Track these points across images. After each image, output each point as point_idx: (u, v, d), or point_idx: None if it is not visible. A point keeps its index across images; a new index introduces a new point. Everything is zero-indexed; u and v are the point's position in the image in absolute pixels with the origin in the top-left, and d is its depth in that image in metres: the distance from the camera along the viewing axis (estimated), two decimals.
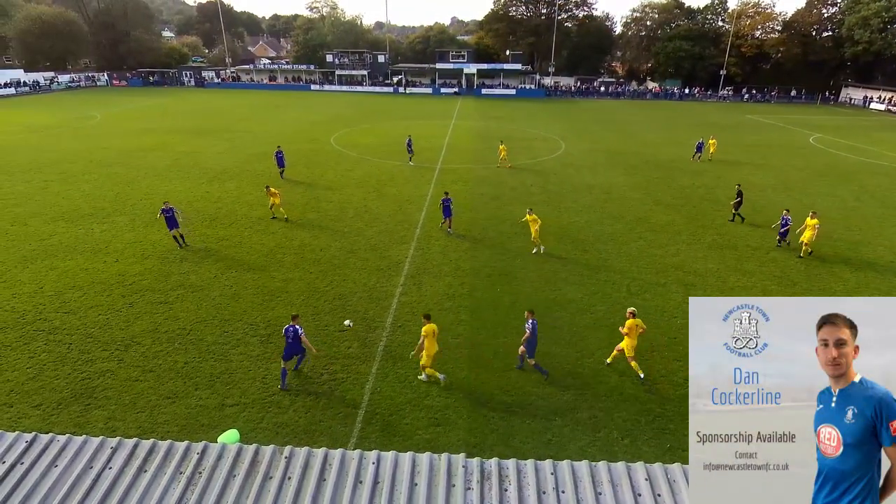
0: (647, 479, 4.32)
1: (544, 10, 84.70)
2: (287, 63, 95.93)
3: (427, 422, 10.26)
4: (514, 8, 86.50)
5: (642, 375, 11.44)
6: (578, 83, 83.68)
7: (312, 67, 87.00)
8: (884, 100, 68.52)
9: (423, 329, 10.85)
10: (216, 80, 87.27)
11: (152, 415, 10.22)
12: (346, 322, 13.08)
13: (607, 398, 11.07)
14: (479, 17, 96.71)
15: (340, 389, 11.13)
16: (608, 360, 12.07)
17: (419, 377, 11.38)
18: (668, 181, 28.90)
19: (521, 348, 11.61)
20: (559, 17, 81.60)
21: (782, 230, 19.27)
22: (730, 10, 79.55)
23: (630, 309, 11.69)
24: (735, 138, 43.10)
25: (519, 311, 14.60)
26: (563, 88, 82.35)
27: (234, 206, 23.11)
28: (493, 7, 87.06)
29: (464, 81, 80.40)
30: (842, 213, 23.66)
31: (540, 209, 23.69)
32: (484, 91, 78.99)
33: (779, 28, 78.74)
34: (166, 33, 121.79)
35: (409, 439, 9.72)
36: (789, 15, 78.66)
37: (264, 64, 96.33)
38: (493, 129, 45.83)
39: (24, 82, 73.28)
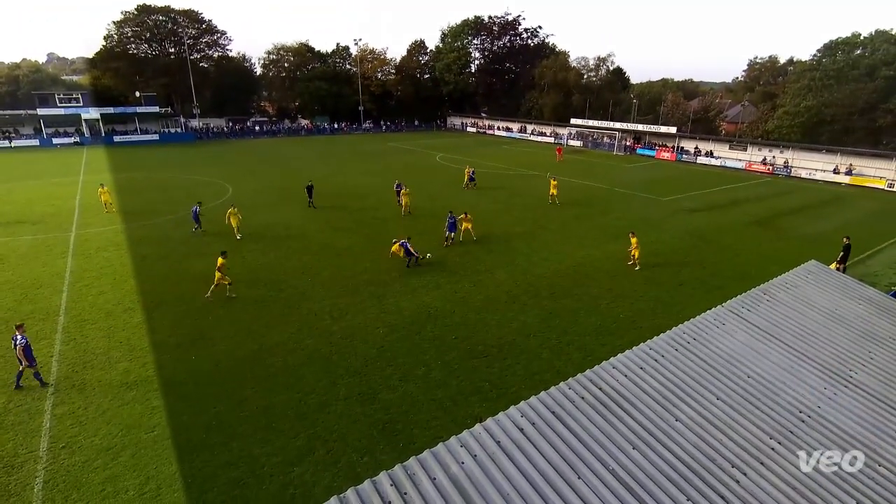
0: (392, 485, 4.56)
1: (173, 50, 78.16)
2: None
3: None
4: (133, 46, 76.71)
5: None
6: (231, 124, 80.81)
7: None
8: (473, 125, 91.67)
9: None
10: None
11: None
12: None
13: (337, 426, 11.16)
14: (88, 54, 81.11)
15: None
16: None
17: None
18: (341, 208, 31.18)
19: (24, 363, 12.13)
20: (192, 57, 76.86)
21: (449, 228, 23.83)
22: (353, 55, 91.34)
23: None
24: (384, 164, 49.91)
25: (224, 372, 13.20)
26: (216, 130, 78.10)
27: None
28: (104, 44, 74.89)
29: (85, 128, 66.74)
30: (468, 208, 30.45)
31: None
32: (117, 138, 67.32)
33: (393, 71, 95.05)
34: None
35: None
36: (398, 60, 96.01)
37: None
38: (139, 180, 39.71)
39: None
